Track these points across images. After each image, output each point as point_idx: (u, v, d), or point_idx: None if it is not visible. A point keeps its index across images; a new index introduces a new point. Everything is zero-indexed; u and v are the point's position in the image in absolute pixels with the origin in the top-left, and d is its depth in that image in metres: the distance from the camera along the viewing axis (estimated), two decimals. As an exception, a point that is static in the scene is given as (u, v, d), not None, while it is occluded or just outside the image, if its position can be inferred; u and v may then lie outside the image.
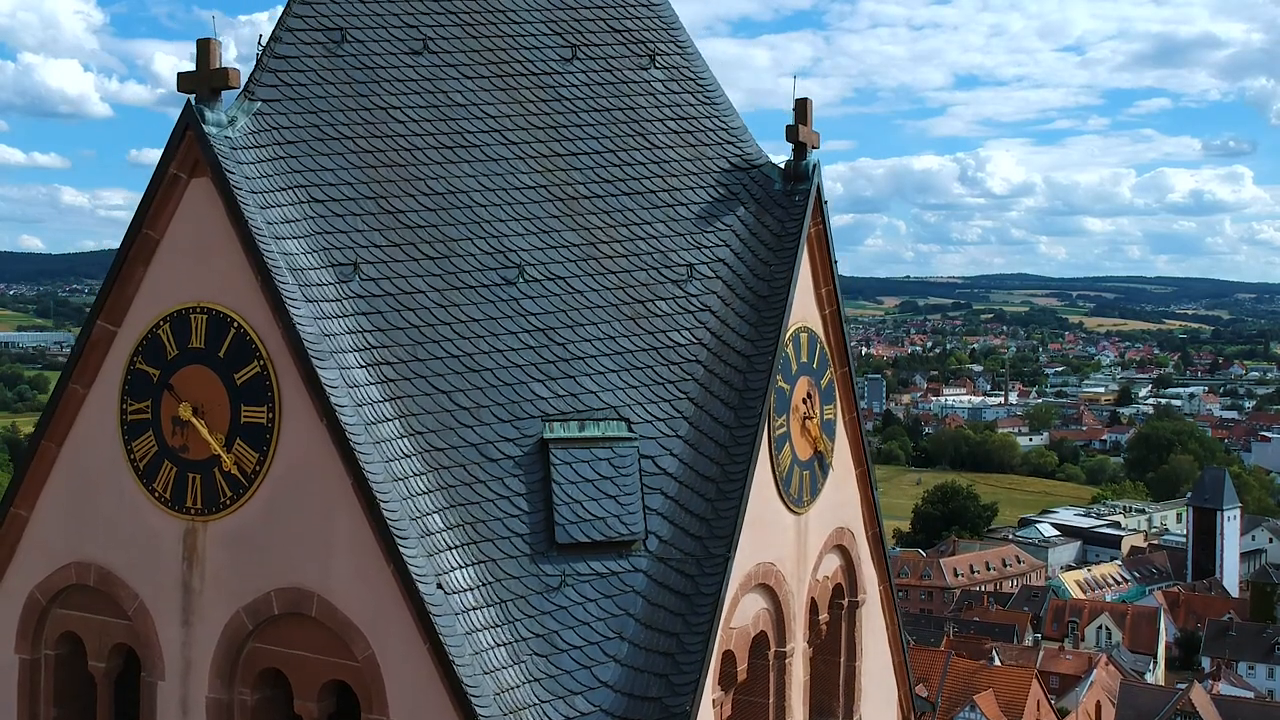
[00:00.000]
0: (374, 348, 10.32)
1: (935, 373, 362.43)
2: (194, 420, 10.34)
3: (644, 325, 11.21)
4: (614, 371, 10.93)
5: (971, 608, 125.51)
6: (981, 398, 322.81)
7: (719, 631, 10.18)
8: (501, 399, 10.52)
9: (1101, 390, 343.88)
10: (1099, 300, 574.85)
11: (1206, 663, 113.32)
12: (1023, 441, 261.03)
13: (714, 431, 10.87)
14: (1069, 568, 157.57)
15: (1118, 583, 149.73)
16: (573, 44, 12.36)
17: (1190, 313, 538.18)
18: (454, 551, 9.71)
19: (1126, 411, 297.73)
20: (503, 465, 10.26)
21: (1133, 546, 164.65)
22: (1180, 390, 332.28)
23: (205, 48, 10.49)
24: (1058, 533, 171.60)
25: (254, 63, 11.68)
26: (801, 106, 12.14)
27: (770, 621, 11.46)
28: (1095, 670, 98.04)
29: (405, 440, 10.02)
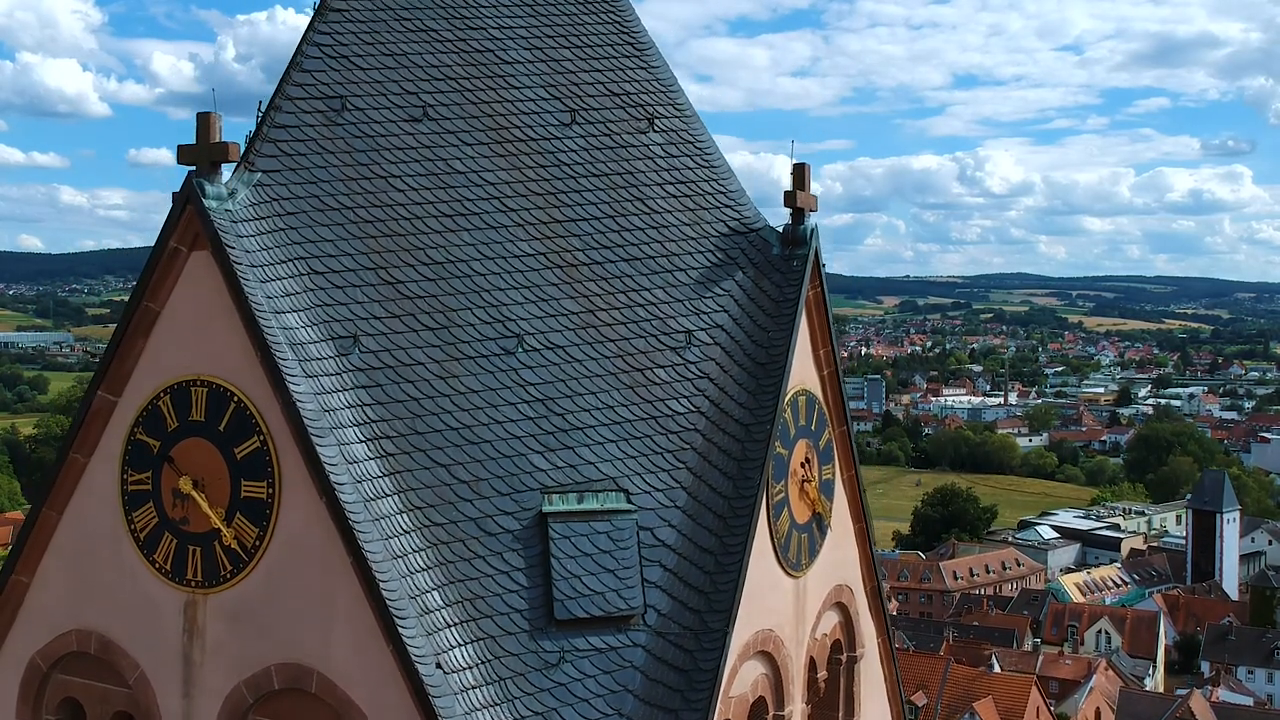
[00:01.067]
0: (373, 421, 10.37)
1: (935, 373, 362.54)
2: (194, 494, 10.38)
3: (642, 394, 11.25)
4: (612, 441, 10.97)
5: (971, 612, 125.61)
6: (981, 398, 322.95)
7: (718, 704, 10.23)
8: (500, 471, 10.56)
9: (1101, 390, 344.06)
10: (1099, 300, 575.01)
11: (1206, 667, 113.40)
12: (1022, 442, 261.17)
13: (712, 502, 10.92)
14: (1068, 570, 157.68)
15: (1117, 585, 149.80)
16: (572, 108, 12.39)
17: (1190, 312, 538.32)
18: (452, 629, 9.76)
19: (1126, 412, 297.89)
20: (501, 540, 10.31)
21: (1132, 549, 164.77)
22: (1180, 390, 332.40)
23: (205, 121, 10.53)
24: (1057, 535, 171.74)
25: (255, 128, 11.76)
26: (799, 171, 12.19)
27: (769, 686, 11.52)
28: (1095, 676, 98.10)
29: (404, 516, 10.07)
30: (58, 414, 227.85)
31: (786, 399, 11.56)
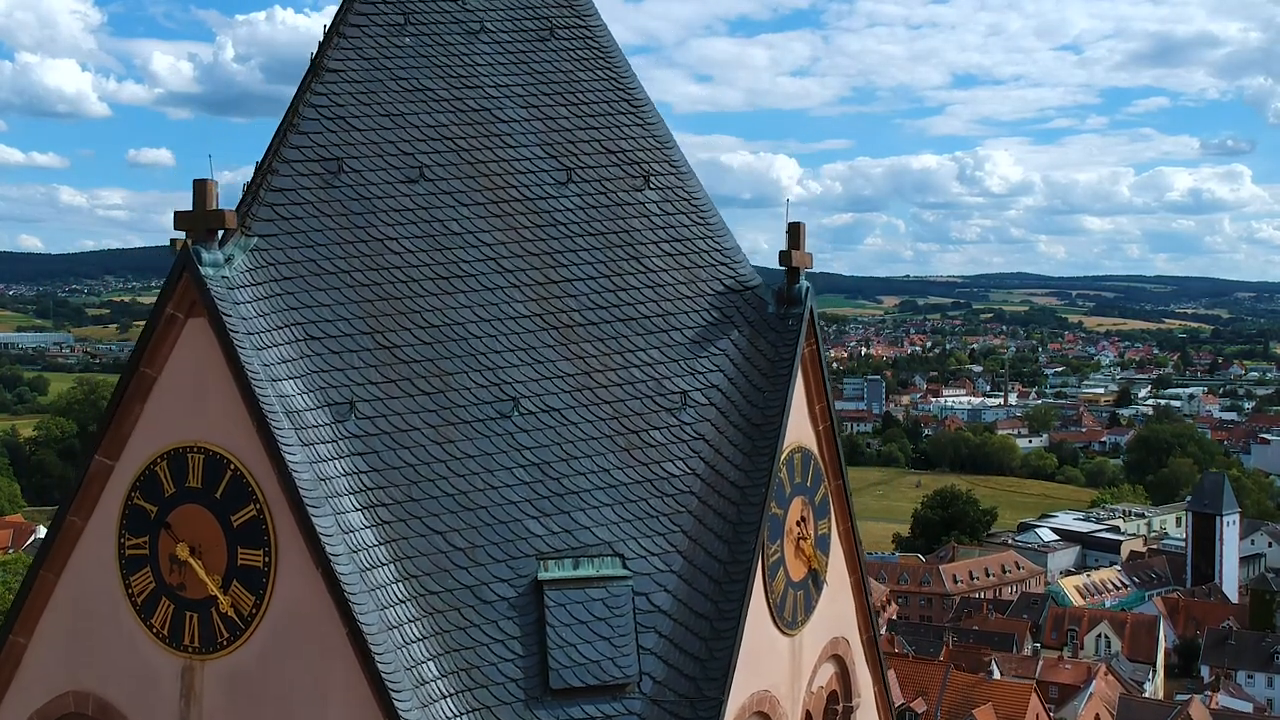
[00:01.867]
0: (369, 489, 10.40)
1: (935, 374, 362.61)
2: (191, 560, 10.41)
3: (638, 456, 11.28)
4: (608, 505, 11.00)
5: (971, 616, 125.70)
6: (981, 399, 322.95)
7: (713, 770, 10.26)
8: (496, 538, 10.59)
9: (1101, 391, 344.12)
10: (1098, 299, 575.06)
11: (1206, 671, 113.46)
12: (1022, 443, 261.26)
13: (708, 566, 10.95)
14: (1068, 573, 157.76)
15: (1117, 588, 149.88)
16: (568, 167, 12.40)
17: (1190, 312, 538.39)
18: (448, 700, 9.80)
19: (1126, 413, 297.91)
20: (497, 608, 10.34)
21: (1132, 551, 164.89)
22: (1180, 391, 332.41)
23: (202, 189, 10.56)
24: (1057, 537, 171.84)
25: (251, 188, 11.80)
26: (794, 230, 12.22)
27: (765, 745, 11.54)
28: (1094, 681, 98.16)
29: (400, 585, 10.10)
30: (58, 416, 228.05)
31: (782, 458, 11.59)
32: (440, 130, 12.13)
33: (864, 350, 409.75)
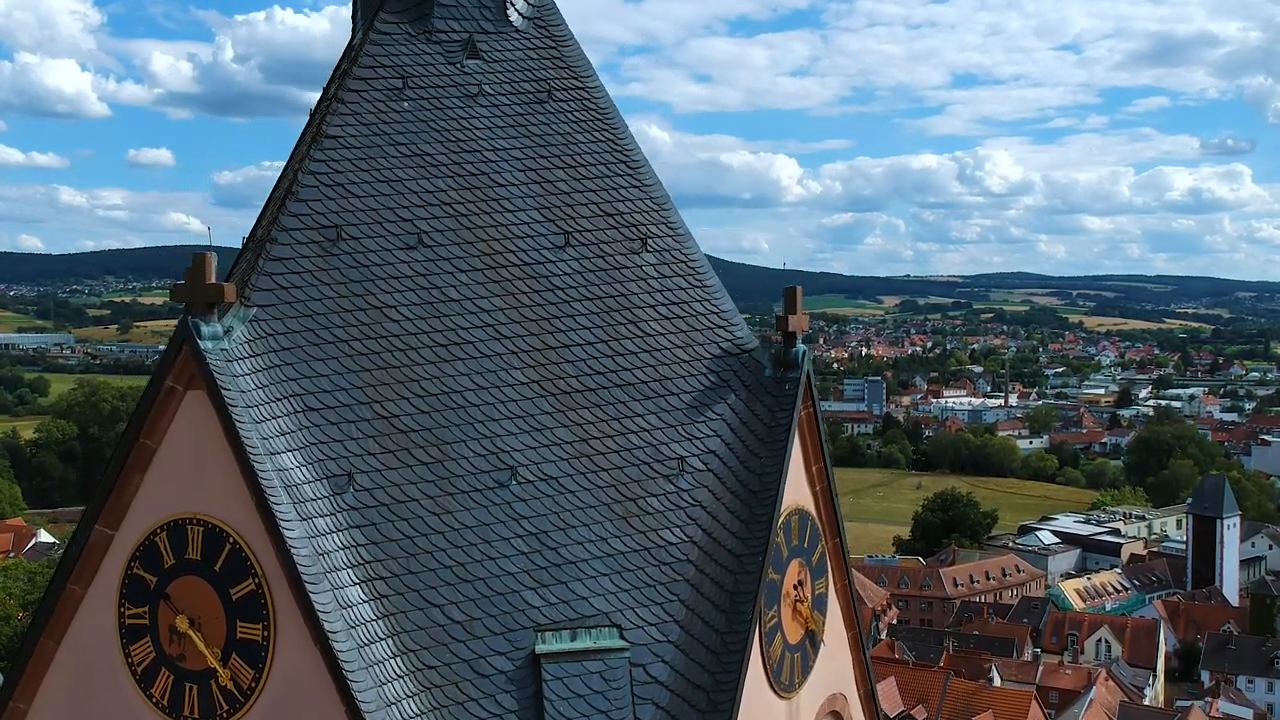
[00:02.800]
0: (367, 562, 10.45)
1: (935, 374, 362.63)
2: (190, 632, 10.47)
3: (635, 524, 11.32)
4: (605, 575, 11.05)
5: (971, 620, 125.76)
6: (982, 399, 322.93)
7: (709, 842, 10.31)
8: (494, 610, 10.64)
9: (1101, 391, 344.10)
10: (1099, 299, 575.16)
11: (1206, 676, 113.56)
12: (1023, 444, 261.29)
13: (705, 636, 11.00)
14: (1069, 576, 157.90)
15: (1117, 591, 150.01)
16: (565, 230, 12.44)
17: (1190, 311, 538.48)
18: (447, 777, 9.84)
19: (1126, 413, 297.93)
20: (495, 681, 10.39)
21: (1132, 554, 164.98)
22: (1180, 391, 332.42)
23: (200, 262, 10.62)
24: (1057, 540, 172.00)
25: (239, 256, 11.87)
26: (791, 295, 12.27)
27: (761, 809, 11.58)
28: (1095, 687, 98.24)
29: (398, 660, 10.16)
30: (58, 418, 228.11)
31: (779, 522, 11.64)
32: (439, 195, 12.17)
33: (864, 351, 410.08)
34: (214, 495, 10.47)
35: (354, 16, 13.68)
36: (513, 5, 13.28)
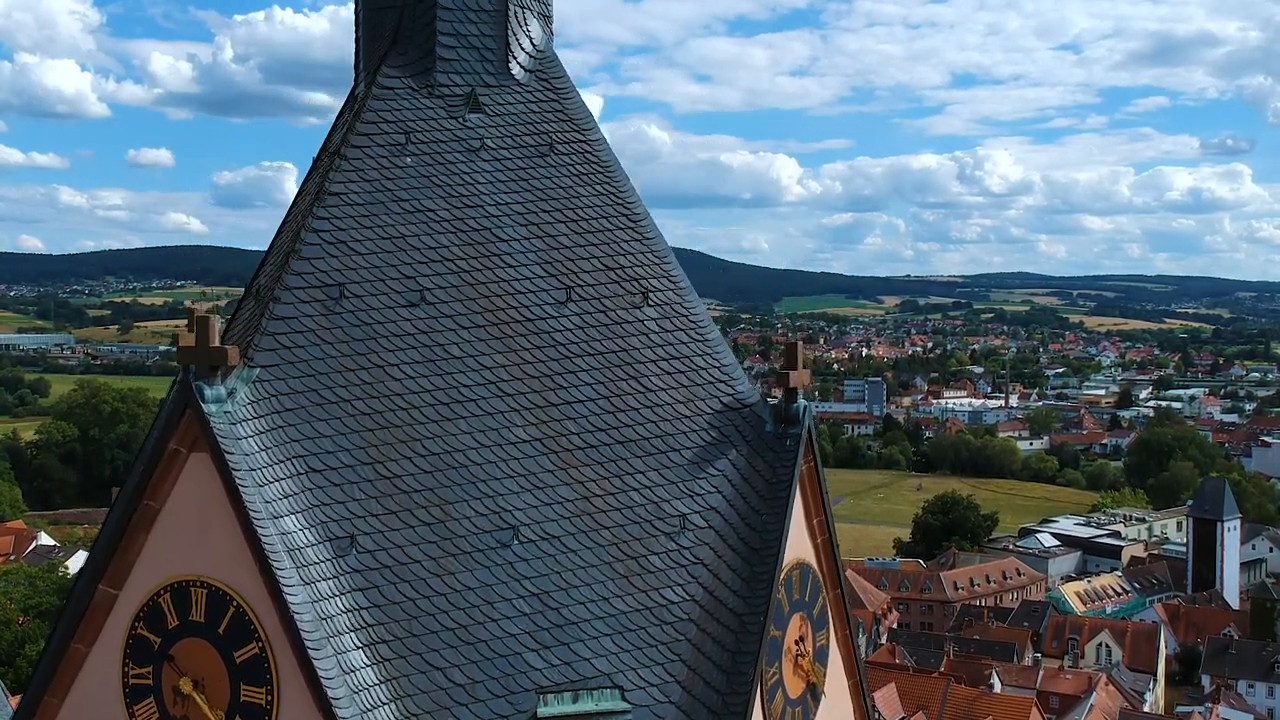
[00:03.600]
0: (370, 625, 10.48)
1: (935, 375, 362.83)
2: (194, 695, 10.51)
3: (637, 584, 11.35)
4: (607, 635, 11.07)
5: (971, 624, 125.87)
6: (982, 400, 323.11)
7: None
8: (496, 672, 10.67)
9: (1102, 392, 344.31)
10: (1099, 299, 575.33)
11: (1207, 680, 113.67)
12: (1023, 446, 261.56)
13: (706, 696, 11.03)
14: (1069, 578, 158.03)
15: (1118, 594, 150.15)
16: (567, 285, 12.45)
17: (1191, 312, 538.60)
18: (450, 843, 9.88)
19: (1127, 414, 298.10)
20: (497, 745, 10.42)
21: (1133, 557, 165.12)
22: (1180, 392, 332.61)
23: (204, 325, 10.65)
24: (1058, 543, 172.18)
25: (234, 311, 11.91)
26: (791, 350, 12.30)
27: None
28: (1095, 692, 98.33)
29: (401, 724, 10.19)
30: (59, 420, 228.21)
31: (780, 578, 11.67)
32: (441, 252, 12.18)
33: (864, 351, 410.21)
34: (217, 558, 10.51)
35: (355, 65, 13.71)
36: (514, 58, 13.29)
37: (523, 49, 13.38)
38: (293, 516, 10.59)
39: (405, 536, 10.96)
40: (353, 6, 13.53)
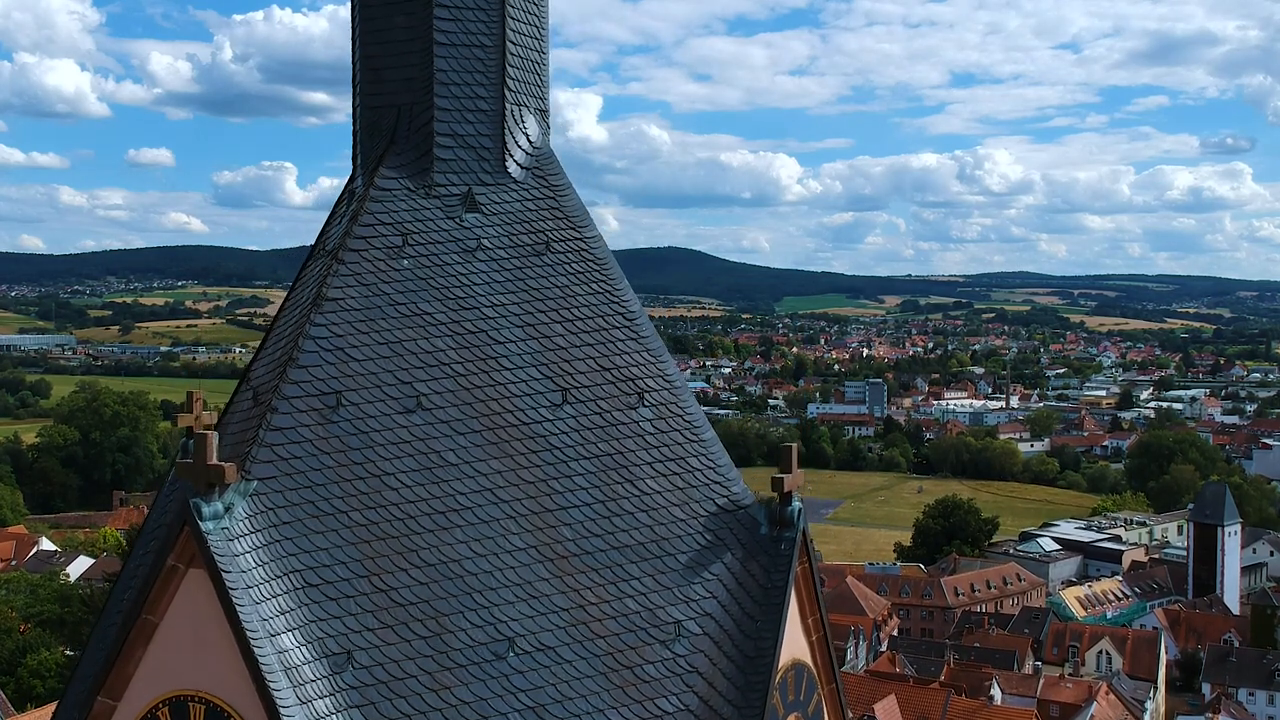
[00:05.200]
0: (368, 744, 10.55)
1: (936, 376, 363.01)
2: (192, 810, 10.59)
3: (632, 694, 11.39)
4: (603, 747, 11.13)
5: (972, 631, 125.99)
6: (983, 402, 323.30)
7: None
8: (493, 788, 10.74)
9: (1103, 394, 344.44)
10: (1100, 299, 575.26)
11: (1207, 688, 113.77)
12: (1024, 448, 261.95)
13: (700, 809, 11.09)
14: (1070, 583, 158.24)
15: (1118, 599, 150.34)
16: (563, 387, 12.48)
17: (1192, 311, 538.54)
18: None
19: (1127, 415, 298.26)
20: None
21: (1133, 561, 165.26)
22: (1181, 393, 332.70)
23: (203, 443, 10.72)
24: (1059, 547, 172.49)
25: (250, 431, 11.96)
26: (787, 453, 12.36)
27: None
28: (1095, 701, 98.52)
29: (398, 845, 10.25)
30: (60, 423, 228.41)
31: (775, 681, 11.73)
32: (437, 356, 12.21)
33: (865, 352, 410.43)
34: (215, 674, 10.57)
35: (353, 159, 13.75)
36: (511, 156, 13.32)
37: (520, 147, 13.41)
38: (289, 634, 10.64)
39: (401, 651, 11.01)
40: (351, 102, 13.57)
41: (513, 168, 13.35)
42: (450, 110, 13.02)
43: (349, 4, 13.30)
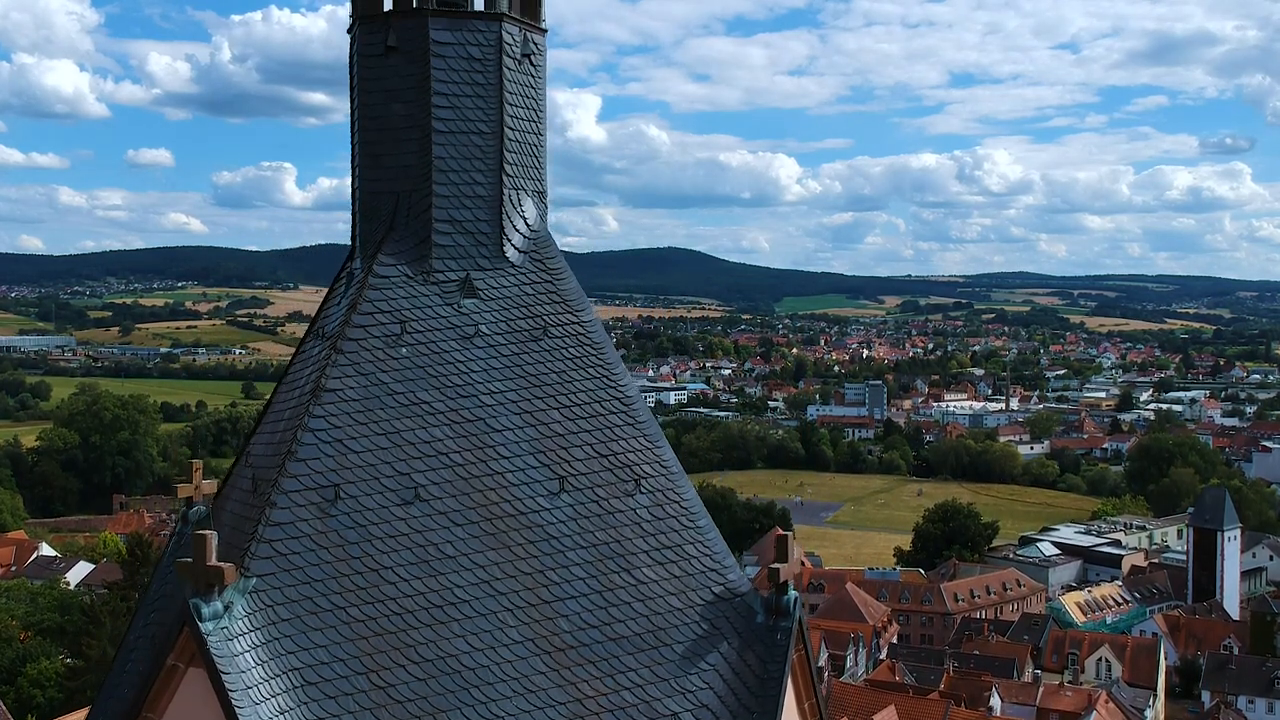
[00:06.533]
0: (366, 844, 10.61)
1: (936, 377, 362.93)
2: None
3: (629, 789, 11.46)
4: (600, 843, 11.18)
5: (972, 638, 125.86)
6: (983, 403, 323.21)
7: None
8: None
9: (1103, 395, 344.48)
10: (1100, 299, 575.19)
11: (1207, 696, 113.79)
12: (1024, 450, 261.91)
13: None
14: (1070, 588, 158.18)
15: (1118, 604, 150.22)
16: (560, 475, 12.52)
17: (1192, 312, 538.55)
18: None
19: (1127, 417, 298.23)
20: None
21: (1133, 566, 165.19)
22: (1181, 394, 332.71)
23: (202, 544, 10.78)
24: (1058, 551, 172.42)
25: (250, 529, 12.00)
26: (782, 543, 12.41)
27: None
28: (1095, 709, 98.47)
29: None
30: (60, 426, 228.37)
31: (771, 769, 11.78)
32: (435, 446, 12.25)
33: (865, 353, 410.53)
34: (215, 775, 10.63)
35: (352, 240, 13.79)
36: (509, 240, 13.37)
37: (517, 231, 13.46)
38: (289, 734, 10.70)
39: (400, 749, 11.06)
40: (350, 185, 13.61)
41: (510, 252, 13.40)
42: (449, 197, 13.08)
43: (348, 91, 13.34)
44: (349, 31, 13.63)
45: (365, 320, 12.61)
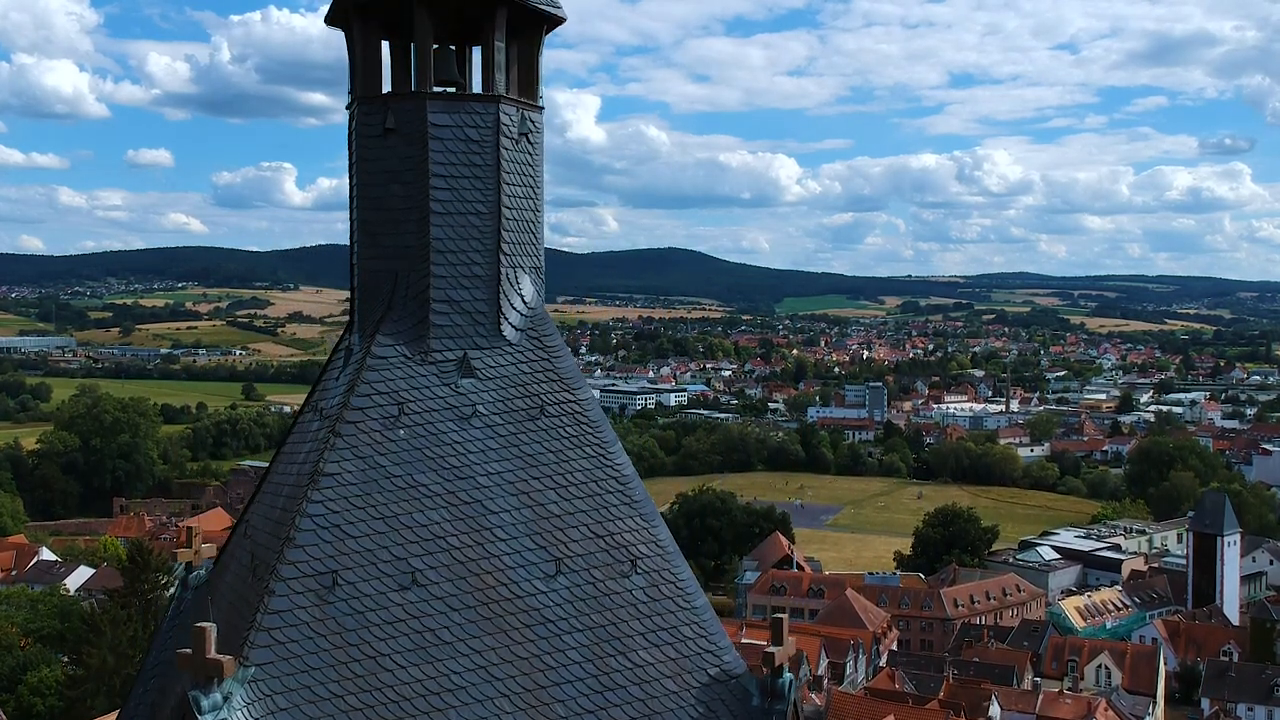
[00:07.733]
0: None
1: (936, 378, 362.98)
2: None
3: None
4: None
5: (971, 645, 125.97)
6: (983, 405, 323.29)
7: None
8: None
9: (1103, 396, 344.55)
10: (1100, 299, 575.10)
11: (1206, 703, 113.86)
12: (1024, 452, 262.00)
13: None
14: (1070, 593, 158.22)
15: (1118, 608, 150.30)
16: (556, 557, 12.57)
17: (1192, 312, 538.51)
18: None
19: (1127, 419, 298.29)
20: None
21: (1133, 570, 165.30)
22: (1181, 396, 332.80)
23: (200, 636, 10.84)
24: (1058, 556, 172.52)
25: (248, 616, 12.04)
26: (777, 626, 12.46)
27: None
28: (1094, 716, 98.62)
29: None
30: (61, 429, 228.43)
31: None
32: (432, 529, 12.29)
33: (865, 354, 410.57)
34: None
35: (350, 316, 13.86)
36: (506, 319, 13.41)
37: (514, 309, 13.51)
38: (286, 827, 10.77)
39: (398, 840, 11.11)
40: (349, 262, 13.67)
41: (508, 330, 13.44)
42: (446, 277, 13.12)
43: (347, 171, 13.39)
44: (348, 108, 13.69)
45: (363, 402, 12.66)
